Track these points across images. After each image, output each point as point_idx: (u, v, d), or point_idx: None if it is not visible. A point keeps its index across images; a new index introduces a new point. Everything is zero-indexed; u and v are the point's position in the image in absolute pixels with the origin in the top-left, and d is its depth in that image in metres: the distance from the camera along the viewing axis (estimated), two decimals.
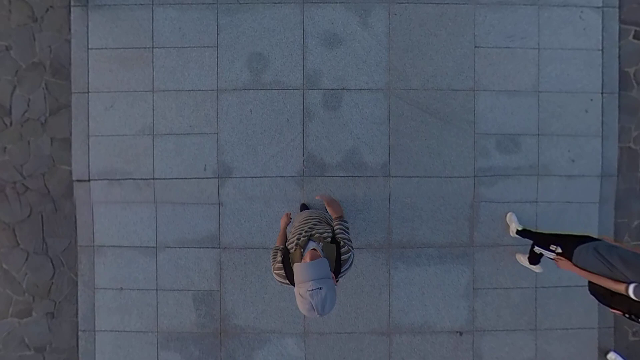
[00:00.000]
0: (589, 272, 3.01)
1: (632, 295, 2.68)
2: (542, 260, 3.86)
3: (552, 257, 3.33)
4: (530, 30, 4.23)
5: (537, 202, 4.27)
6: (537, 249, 3.57)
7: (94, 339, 4.23)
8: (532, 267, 3.95)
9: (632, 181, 4.33)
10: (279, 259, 2.38)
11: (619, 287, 2.75)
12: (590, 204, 4.20)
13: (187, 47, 4.19)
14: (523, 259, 4.02)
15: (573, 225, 4.18)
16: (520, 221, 4.15)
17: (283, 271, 2.33)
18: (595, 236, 3.28)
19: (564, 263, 3.14)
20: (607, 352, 4.21)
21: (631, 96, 4.26)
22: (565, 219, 4.22)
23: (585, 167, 4.28)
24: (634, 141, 4.31)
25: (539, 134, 4.26)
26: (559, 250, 3.28)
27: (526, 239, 3.91)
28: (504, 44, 4.24)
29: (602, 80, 4.25)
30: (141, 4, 4.18)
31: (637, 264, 2.73)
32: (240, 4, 4.16)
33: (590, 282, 3.12)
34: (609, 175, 4.30)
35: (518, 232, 3.98)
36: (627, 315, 2.96)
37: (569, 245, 3.21)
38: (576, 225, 4.17)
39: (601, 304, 3.15)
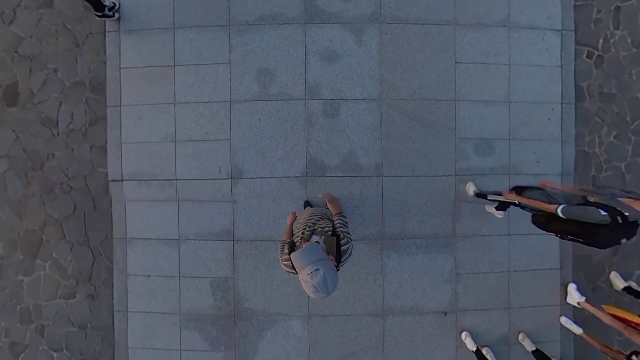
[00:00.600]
0: (528, 198, 2.72)
1: (560, 213, 2.43)
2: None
3: (503, 197, 2.98)
4: (501, 48, 3.58)
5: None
6: (491, 196, 3.16)
7: (127, 318, 3.61)
8: (497, 213, 3.43)
9: (586, 179, 3.72)
10: (286, 251, 2.01)
11: (551, 207, 2.50)
12: None
13: (203, 64, 3.54)
14: (492, 210, 3.49)
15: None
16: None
17: (290, 262, 1.90)
18: None
19: (511, 195, 2.84)
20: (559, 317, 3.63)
21: (585, 107, 3.66)
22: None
23: (548, 167, 3.64)
24: (588, 145, 3.70)
25: (509, 139, 3.62)
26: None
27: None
28: (480, 60, 3.57)
29: (561, 92, 3.63)
30: (164, 28, 3.54)
31: (573, 199, 2.54)
32: (249, 25, 3.51)
33: (533, 215, 2.80)
34: (567, 174, 3.67)
35: (476, 194, 3.42)
36: (559, 235, 2.68)
37: (519, 188, 2.91)
38: None
39: (542, 230, 2.77)
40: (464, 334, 3.50)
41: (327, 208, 2.67)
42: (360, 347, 3.50)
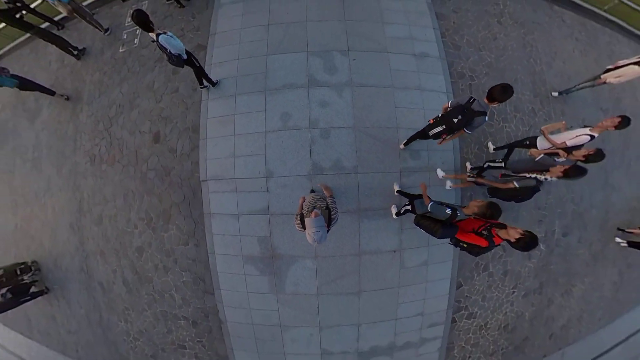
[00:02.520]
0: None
1: (516, 185, 1.66)
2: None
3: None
4: (419, 100, 2.53)
5: (429, 185, 2.51)
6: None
7: (215, 257, 2.59)
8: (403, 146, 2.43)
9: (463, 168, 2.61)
10: (298, 219, 1.44)
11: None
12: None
13: (250, 112, 2.51)
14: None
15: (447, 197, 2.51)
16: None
17: (301, 225, 1.42)
18: None
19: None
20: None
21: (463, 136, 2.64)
22: (443, 194, 2.51)
23: (449, 165, 2.52)
24: (461, 152, 2.63)
25: (428, 150, 2.52)
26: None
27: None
28: (409, 106, 2.52)
29: None
30: (230, 95, 2.53)
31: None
32: (276, 90, 2.49)
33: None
34: (457, 170, 2.56)
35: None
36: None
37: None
38: (449, 197, 2.50)
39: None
40: (393, 207, 2.39)
41: (324, 192, 1.85)
42: (346, 272, 2.48)
